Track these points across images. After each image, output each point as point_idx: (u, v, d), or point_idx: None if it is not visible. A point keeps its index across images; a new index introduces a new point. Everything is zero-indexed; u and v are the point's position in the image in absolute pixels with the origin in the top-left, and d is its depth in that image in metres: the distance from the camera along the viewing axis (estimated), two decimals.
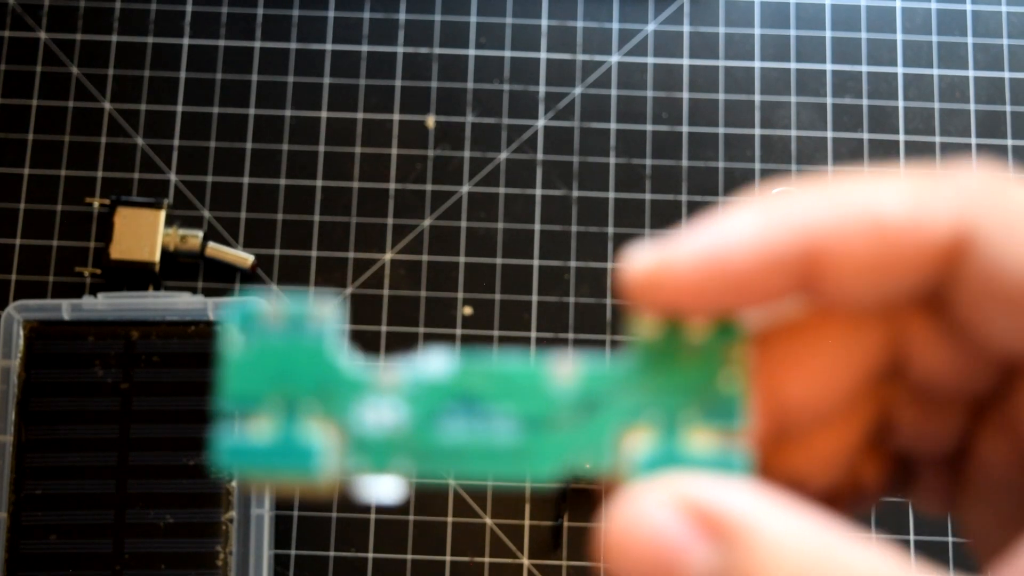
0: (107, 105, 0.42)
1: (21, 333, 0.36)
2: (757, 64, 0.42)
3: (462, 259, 0.41)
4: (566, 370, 0.14)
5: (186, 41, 0.42)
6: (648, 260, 0.14)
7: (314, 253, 0.41)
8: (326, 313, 0.14)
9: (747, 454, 0.14)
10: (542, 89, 0.42)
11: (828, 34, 0.43)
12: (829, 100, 0.42)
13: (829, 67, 0.42)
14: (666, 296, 0.14)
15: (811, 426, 0.17)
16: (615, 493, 0.13)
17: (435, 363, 0.14)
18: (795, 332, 0.16)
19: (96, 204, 0.40)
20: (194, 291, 0.39)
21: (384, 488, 0.14)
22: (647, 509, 0.13)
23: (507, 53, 0.42)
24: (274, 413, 0.14)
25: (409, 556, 0.38)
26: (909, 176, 0.15)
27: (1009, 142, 0.42)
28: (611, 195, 0.41)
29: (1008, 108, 0.42)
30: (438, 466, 0.14)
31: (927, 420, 0.17)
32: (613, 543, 0.13)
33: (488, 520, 0.38)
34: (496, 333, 0.41)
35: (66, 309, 0.37)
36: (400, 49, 0.42)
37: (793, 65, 0.42)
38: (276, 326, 0.14)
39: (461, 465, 0.14)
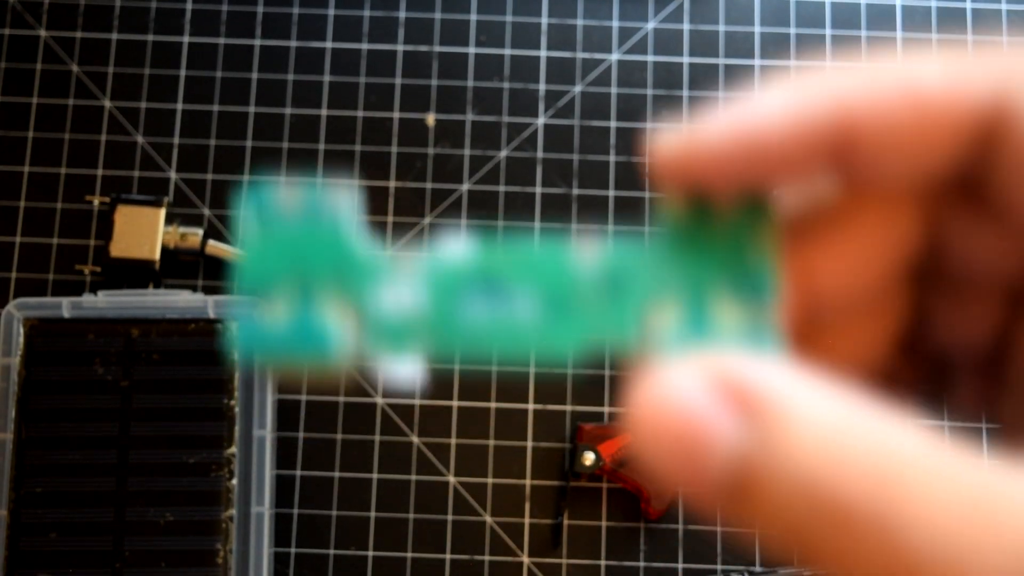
0: (107, 103, 0.42)
1: (21, 331, 0.36)
2: (757, 62, 0.42)
3: None
4: (591, 251, 0.14)
5: (186, 39, 0.42)
6: (677, 137, 0.14)
7: None
8: (342, 197, 0.14)
9: (778, 330, 0.14)
10: (542, 87, 0.42)
11: (828, 32, 0.43)
12: None
13: (830, 64, 0.42)
14: (698, 169, 0.14)
15: (844, 317, 0.16)
16: (640, 372, 0.13)
17: (455, 249, 0.14)
18: (829, 216, 0.15)
19: (96, 202, 0.40)
20: (194, 289, 0.40)
21: (403, 371, 0.14)
22: (676, 383, 0.13)
23: (507, 51, 0.42)
24: (291, 298, 0.14)
25: (409, 554, 0.38)
26: (952, 56, 0.14)
27: None
28: (611, 193, 0.41)
29: None
30: (458, 347, 0.13)
31: (964, 316, 0.16)
32: (641, 418, 0.13)
33: (488, 518, 0.38)
34: None
35: (66, 307, 0.37)
36: (400, 47, 0.42)
37: (793, 63, 0.43)
38: (293, 212, 0.14)
39: (482, 346, 0.14)
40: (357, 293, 0.14)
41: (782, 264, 0.14)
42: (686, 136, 0.14)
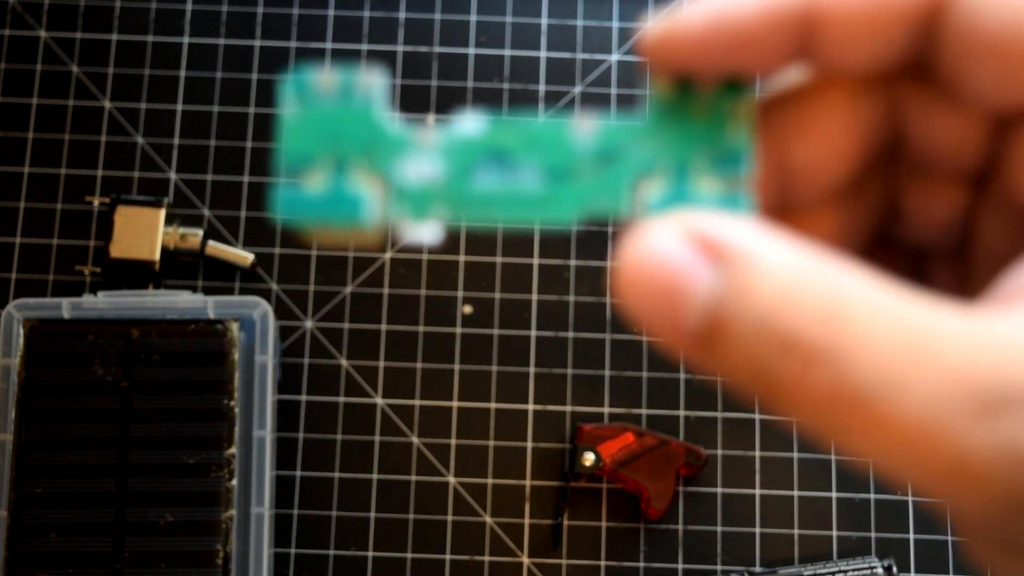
0: (107, 103, 0.42)
1: (21, 331, 0.36)
2: None
3: (462, 258, 0.41)
4: (586, 126, 0.16)
5: (186, 40, 0.42)
6: (661, 23, 0.15)
7: (314, 252, 0.41)
8: (373, 79, 0.16)
9: (750, 197, 0.15)
10: (542, 88, 0.42)
11: None
12: None
13: None
14: (676, 53, 0.15)
15: (818, 200, 0.17)
16: (630, 235, 0.14)
17: (469, 124, 0.16)
18: (799, 99, 0.17)
19: (96, 203, 0.40)
20: (194, 290, 0.40)
21: (423, 232, 0.16)
22: (656, 239, 0.14)
23: (507, 52, 0.42)
24: (326, 169, 0.15)
25: (409, 555, 0.38)
26: None
27: None
28: None
29: None
30: (471, 212, 0.15)
31: (932, 202, 0.18)
32: (625, 272, 0.14)
33: (488, 519, 0.39)
34: (496, 332, 0.41)
35: (66, 307, 0.37)
36: (400, 48, 0.42)
37: None
38: (327, 92, 0.16)
39: (491, 211, 0.15)
40: (384, 164, 0.15)
41: (756, 141, 0.16)
42: (669, 23, 0.15)
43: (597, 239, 0.41)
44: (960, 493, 0.13)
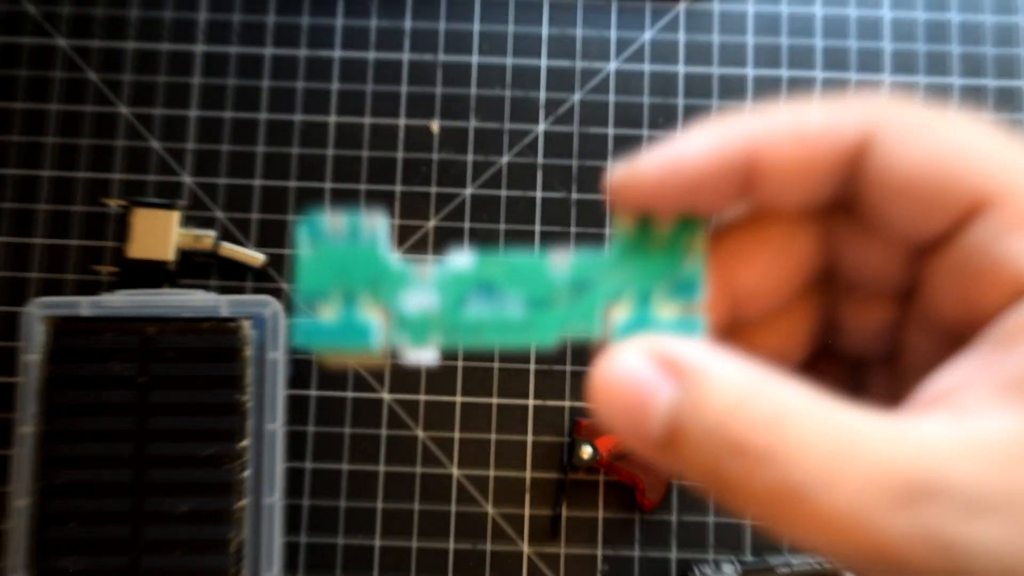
0: (124, 109, 0.41)
1: (42, 329, 0.36)
2: (750, 71, 0.42)
3: None
4: (562, 260, 0.17)
5: (200, 48, 0.42)
6: (621, 171, 0.17)
7: None
8: (377, 221, 0.17)
9: (703, 322, 0.17)
10: (542, 95, 0.42)
11: (818, 43, 0.43)
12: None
13: (820, 74, 0.43)
14: (637, 196, 0.17)
15: (764, 318, 0.19)
16: (601, 356, 0.16)
17: (460, 259, 0.17)
18: (745, 231, 0.18)
19: (113, 205, 0.40)
20: (208, 289, 0.40)
21: (422, 355, 0.17)
22: (624, 359, 0.15)
23: (509, 60, 0.42)
24: (337, 302, 0.17)
25: (414, 543, 0.39)
26: (832, 102, 0.17)
27: None
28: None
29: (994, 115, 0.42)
30: (463, 338, 0.16)
31: (865, 318, 0.19)
32: (598, 388, 0.15)
33: (490, 509, 0.39)
34: None
35: (85, 306, 0.37)
36: (406, 56, 0.42)
37: (785, 72, 0.42)
38: (337, 233, 0.17)
39: (481, 336, 0.17)
40: (388, 297, 0.17)
41: (708, 270, 0.17)
42: (629, 169, 0.17)
43: (597, 243, 0.41)
44: (884, 574, 0.14)
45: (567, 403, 0.39)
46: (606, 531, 0.39)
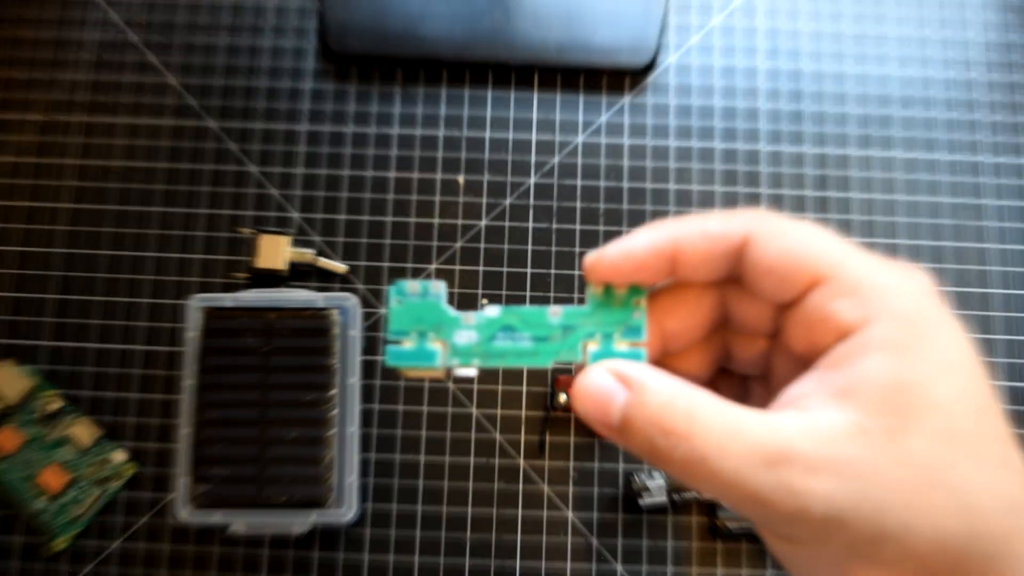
0: (253, 168, 0.42)
1: (199, 315, 0.37)
2: (672, 143, 0.42)
3: (481, 268, 0.41)
4: (556, 312, 0.18)
5: (303, 127, 0.42)
6: (591, 256, 0.18)
7: (385, 264, 0.41)
8: (439, 287, 0.18)
9: (645, 352, 0.18)
10: (532, 158, 0.42)
11: (718, 125, 0.43)
12: (717, 167, 0.42)
13: (718, 145, 0.42)
14: (601, 273, 0.18)
15: (682, 350, 0.19)
16: (580, 373, 0.17)
17: (491, 311, 0.18)
18: (670, 296, 0.19)
19: (246, 233, 0.41)
20: (308, 288, 0.40)
21: (468, 371, 0.18)
22: (595, 375, 0.16)
23: (510, 135, 0.43)
24: (413, 337, 0.18)
25: (447, 459, 0.39)
26: (725, 213, 0.18)
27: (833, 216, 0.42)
28: (578, 227, 0.42)
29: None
30: (493, 361, 0.18)
31: (748, 350, 0.19)
32: (578, 394, 0.17)
33: (498, 436, 0.39)
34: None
35: (227, 300, 0.38)
36: (441, 132, 0.42)
37: (695, 144, 0.42)
38: (414, 293, 0.18)
39: (503, 360, 0.18)
40: (446, 335, 0.18)
41: (648, 320, 0.18)
42: (596, 255, 0.18)
43: (569, 256, 0.42)
44: (758, 514, 0.15)
45: (550, 367, 0.39)
46: (575, 450, 0.39)
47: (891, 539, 0.14)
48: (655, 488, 0.37)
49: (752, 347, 0.19)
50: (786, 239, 0.16)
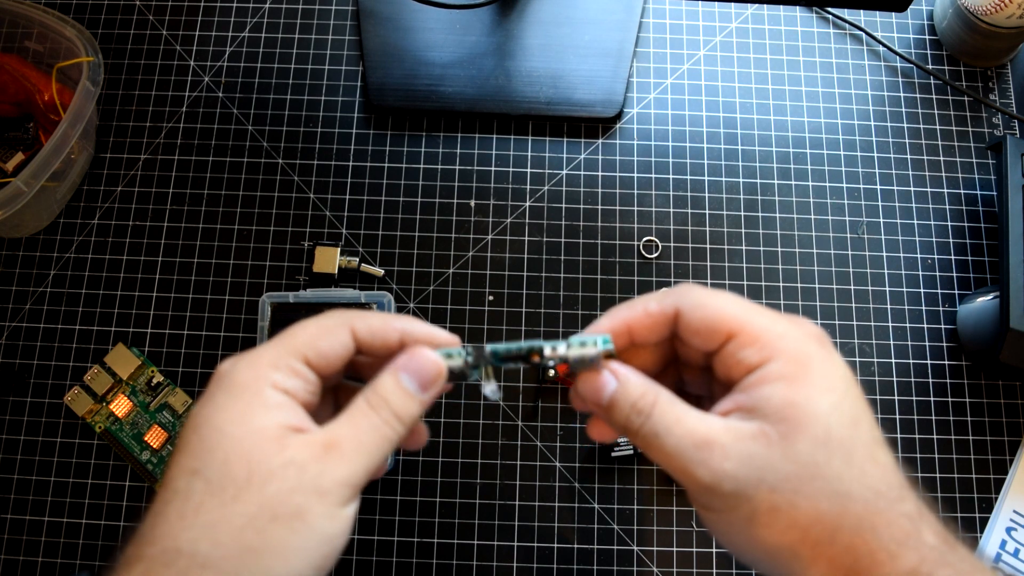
0: (311, 195, 0.46)
1: (269, 310, 0.40)
2: (635, 175, 0.46)
3: (488, 272, 0.44)
4: (560, 349, 0.20)
5: (351, 164, 0.46)
6: (583, 343, 0.19)
7: (413, 269, 0.44)
8: (485, 352, 0.21)
9: (611, 337, 0.20)
10: (528, 187, 0.45)
11: (671, 160, 0.46)
12: (671, 193, 0.45)
13: (671, 176, 0.45)
14: (609, 330, 0.20)
15: (650, 375, 0.21)
16: (577, 374, 0.18)
17: (498, 344, 0.21)
18: (637, 348, 0.21)
19: (306, 244, 0.44)
20: (354, 288, 0.43)
21: (491, 388, 0.21)
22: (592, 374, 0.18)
23: (510, 169, 0.46)
24: (468, 363, 0.21)
25: (461, 421, 0.42)
26: (660, 293, 0.19)
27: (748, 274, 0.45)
28: (563, 240, 0.45)
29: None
30: (501, 368, 0.21)
31: (693, 377, 0.22)
32: (581, 379, 0.19)
33: (501, 403, 0.42)
34: (505, 310, 0.43)
35: (291, 297, 0.41)
36: (457, 167, 0.46)
37: (653, 175, 0.45)
38: (462, 351, 0.21)
39: (508, 349, 0.21)
40: (488, 364, 0.21)
41: (617, 353, 0.20)
42: (592, 328, 0.20)
43: (556, 261, 0.44)
44: (687, 483, 0.17)
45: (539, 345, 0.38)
46: (562, 414, 0.42)
47: (782, 512, 0.16)
48: (623, 441, 0.40)
49: (696, 377, 0.22)
50: (705, 309, 0.18)
